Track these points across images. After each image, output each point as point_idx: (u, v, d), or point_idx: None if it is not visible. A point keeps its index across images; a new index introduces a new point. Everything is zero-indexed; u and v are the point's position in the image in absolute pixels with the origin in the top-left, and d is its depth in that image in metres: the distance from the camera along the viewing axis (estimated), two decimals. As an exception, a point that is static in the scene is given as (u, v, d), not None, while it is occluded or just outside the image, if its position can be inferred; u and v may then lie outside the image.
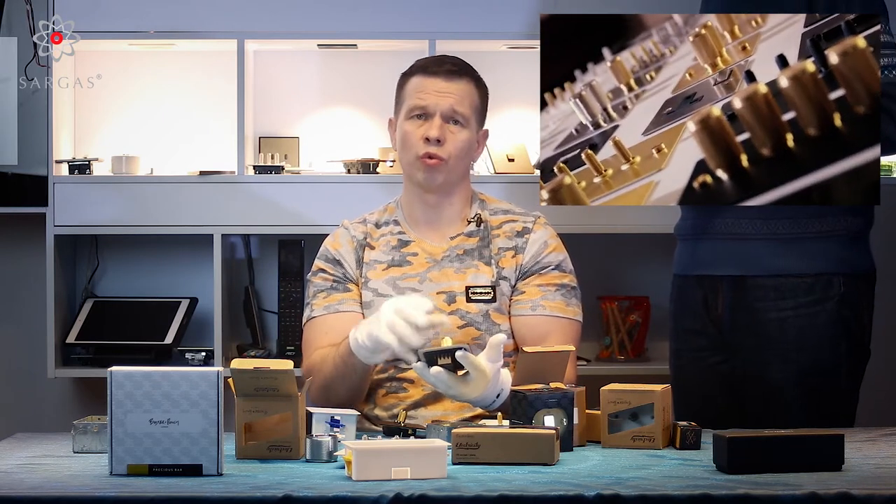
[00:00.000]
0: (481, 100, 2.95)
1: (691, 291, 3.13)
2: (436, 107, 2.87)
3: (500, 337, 2.58)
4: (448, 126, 2.88)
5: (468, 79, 2.92)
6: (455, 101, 2.88)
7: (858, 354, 3.05)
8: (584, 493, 2.04)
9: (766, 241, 3.02)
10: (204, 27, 3.93)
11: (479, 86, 2.94)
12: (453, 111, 2.88)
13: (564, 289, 2.91)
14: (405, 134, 2.89)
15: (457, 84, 2.89)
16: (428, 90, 2.89)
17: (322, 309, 2.90)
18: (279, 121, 4.15)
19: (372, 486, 2.09)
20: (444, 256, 2.91)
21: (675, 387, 3.16)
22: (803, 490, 2.06)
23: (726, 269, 3.06)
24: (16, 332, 4.15)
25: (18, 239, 4.13)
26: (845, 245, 3.03)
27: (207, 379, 2.23)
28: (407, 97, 2.91)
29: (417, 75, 2.92)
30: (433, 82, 2.89)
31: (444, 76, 2.89)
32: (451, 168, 2.89)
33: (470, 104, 2.90)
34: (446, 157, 2.87)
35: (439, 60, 2.95)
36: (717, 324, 3.08)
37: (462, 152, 2.90)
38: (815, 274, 3.00)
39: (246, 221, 3.95)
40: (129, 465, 2.22)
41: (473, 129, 2.92)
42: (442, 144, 2.86)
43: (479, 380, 2.56)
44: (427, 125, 2.87)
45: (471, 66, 2.96)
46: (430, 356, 2.54)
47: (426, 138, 2.86)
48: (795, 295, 3.00)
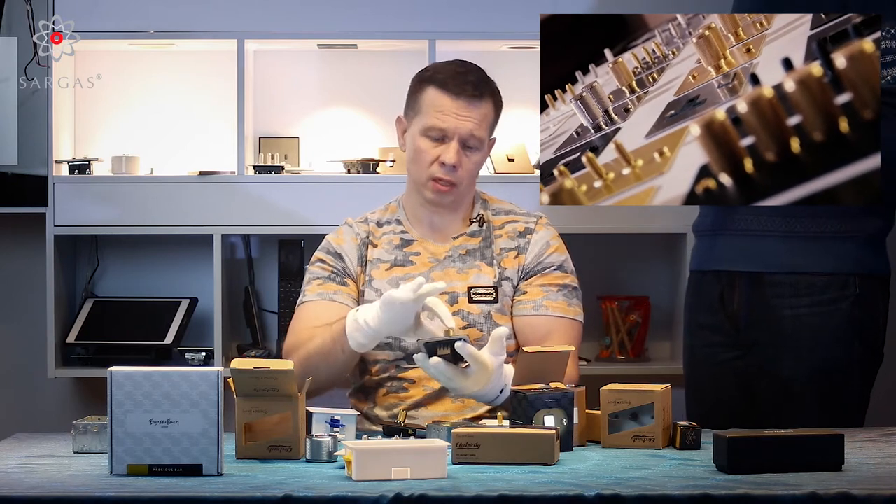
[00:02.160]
0: (496, 115, 2.90)
1: (708, 287, 3.13)
2: (455, 131, 2.82)
3: (503, 330, 2.58)
4: (464, 151, 2.84)
5: (488, 99, 2.85)
6: (474, 126, 2.82)
7: (871, 355, 3.05)
8: (584, 493, 2.04)
9: (784, 238, 3.03)
10: (204, 27, 3.93)
11: (496, 102, 2.88)
12: (472, 136, 2.83)
13: (566, 289, 2.91)
14: (419, 151, 2.85)
15: (477, 108, 2.83)
16: (448, 111, 2.82)
17: (315, 295, 2.89)
18: (279, 121, 4.15)
19: (372, 486, 2.09)
20: (446, 256, 2.91)
21: (688, 382, 3.18)
22: (803, 490, 2.06)
23: (744, 265, 3.06)
24: (16, 332, 4.15)
25: (18, 239, 4.13)
26: (863, 246, 3.04)
27: (207, 379, 2.23)
28: (424, 110, 2.85)
29: (437, 89, 2.84)
30: (454, 104, 2.82)
31: (465, 99, 2.82)
32: (462, 191, 2.88)
33: (487, 126, 2.86)
34: (459, 182, 2.85)
35: (462, 79, 2.84)
36: (733, 319, 3.09)
37: (474, 174, 2.88)
38: (831, 273, 3.01)
39: (246, 221, 3.95)
40: (129, 465, 2.22)
41: (487, 145, 2.90)
42: (457, 171, 2.84)
43: (480, 373, 2.56)
44: (443, 148, 2.82)
45: (489, 78, 2.89)
46: (430, 346, 2.54)
47: (442, 162, 2.83)
48: (811, 293, 3.01)
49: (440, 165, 2.83)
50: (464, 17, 3.93)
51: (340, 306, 2.85)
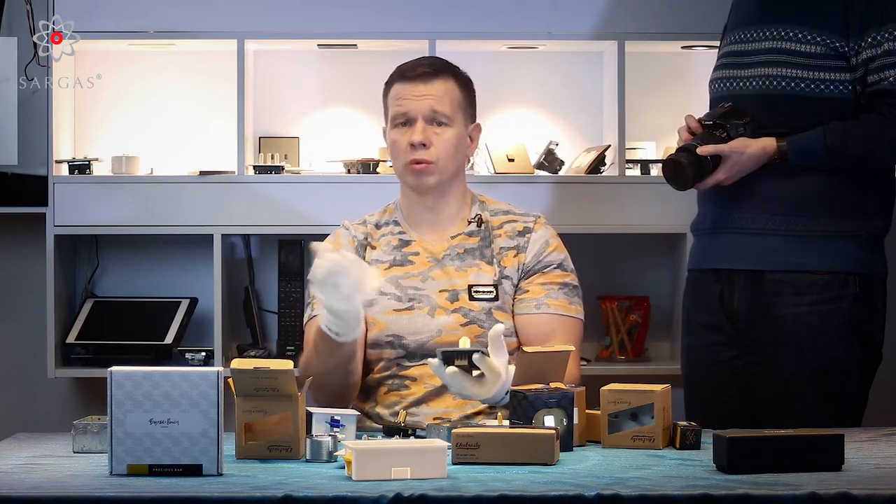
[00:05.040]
0: (465, 94, 2.94)
1: (707, 285, 3.13)
2: (416, 111, 2.88)
3: (499, 327, 2.59)
4: (432, 128, 2.88)
5: (446, 76, 2.92)
6: (434, 101, 2.88)
7: (870, 355, 3.06)
8: (584, 493, 2.04)
9: (784, 236, 3.02)
10: (204, 27, 3.93)
11: (459, 81, 2.94)
12: (434, 112, 2.88)
13: (567, 287, 2.92)
14: (392, 142, 2.92)
15: (434, 84, 2.90)
16: (407, 95, 2.90)
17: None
18: (279, 121, 4.15)
19: (372, 486, 2.09)
20: (445, 255, 2.92)
21: (687, 381, 3.18)
22: (803, 490, 2.06)
23: (743, 264, 3.06)
24: (16, 332, 4.15)
25: (18, 239, 4.13)
26: (863, 246, 3.04)
27: (207, 379, 2.23)
28: (390, 105, 2.93)
29: (397, 82, 2.93)
30: (411, 87, 2.90)
31: (420, 79, 2.90)
32: (441, 169, 2.89)
33: (451, 101, 2.90)
34: (434, 160, 2.88)
35: (414, 64, 2.95)
36: (732, 318, 3.09)
37: (450, 151, 2.90)
38: (831, 272, 3.01)
39: (246, 221, 3.95)
40: (129, 465, 2.22)
41: (461, 125, 2.92)
42: (428, 147, 2.87)
43: (493, 381, 2.57)
44: (411, 130, 2.88)
45: (449, 62, 2.96)
46: (448, 356, 2.55)
47: (411, 144, 2.87)
48: (811, 292, 3.01)
49: (411, 148, 2.87)
50: (464, 17, 3.93)
51: None
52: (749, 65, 3.06)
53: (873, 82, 2.98)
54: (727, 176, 3.00)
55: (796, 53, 3.00)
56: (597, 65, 4.10)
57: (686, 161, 2.99)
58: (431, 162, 2.88)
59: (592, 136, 4.12)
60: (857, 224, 3.03)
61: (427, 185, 2.90)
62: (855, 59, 2.98)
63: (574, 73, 4.15)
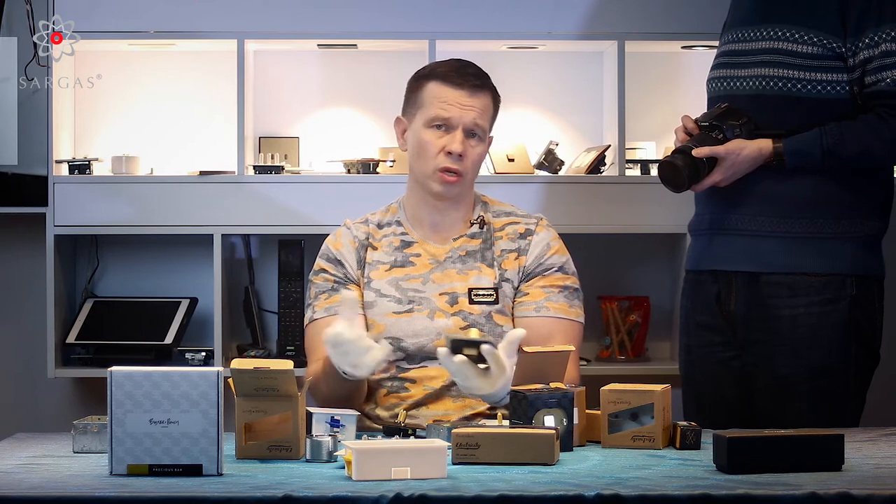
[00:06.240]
0: (495, 109, 2.95)
1: (704, 287, 3.13)
2: (459, 120, 2.86)
3: (520, 332, 2.58)
4: (469, 141, 2.87)
5: (488, 91, 2.91)
6: (477, 114, 2.87)
7: (867, 356, 3.05)
8: (584, 493, 2.04)
9: (781, 238, 3.02)
10: (204, 27, 3.93)
11: (495, 97, 2.94)
12: (475, 125, 2.88)
13: (567, 290, 2.91)
14: (424, 143, 2.88)
15: (479, 97, 2.88)
16: (451, 101, 2.87)
17: (323, 311, 2.90)
18: (279, 121, 4.15)
19: (372, 486, 2.09)
20: (446, 258, 2.91)
21: (685, 382, 3.19)
22: (803, 490, 2.06)
23: (741, 265, 3.06)
24: (16, 332, 4.15)
25: (18, 239, 4.13)
26: (860, 247, 3.04)
27: (207, 379, 2.23)
28: (426, 104, 2.89)
29: (438, 82, 2.89)
30: (457, 94, 2.87)
31: (468, 89, 2.87)
32: (467, 181, 2.90)
33: (489, 118, 2.92)
34: (465, 172, 2.87)
35: (462, 71, 2.90)
36: (730, 319, 3.09)
37: (477, 166, 2.92)
38: (828, 274, 3.01)
39: (246, 221, 3.95)
40: (129, 465, 2.22)
41: (488, 140, 2.93)
42: (463, 160, 2.86)
43: (497, 376, 2.56)
44: (449, 138, 2.86)
45: (488, 74, 2.95)
46: (457, 345, 2.54)
47: (448, 152, 2.85)
48: (808, 293, 3.01)
49: (447, 155, 2.86)
50: (464, 17, 3.93)
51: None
52: (746, 65, 3.06)
53: (870, 83, 2.98)
54: (723, 178, 3.00)
55: (793, 54, 3.00)
56: (597, 65, 4.10)
57: (682, 163, 2.99)
58: (462, 174, 2.88)
59: (592, 136, 4.12)
60: (854, 225, 3.03)
61: (451, 194, 2.90)
62: (852, 59, 2.98)
63: (574, 73, 4.15)
